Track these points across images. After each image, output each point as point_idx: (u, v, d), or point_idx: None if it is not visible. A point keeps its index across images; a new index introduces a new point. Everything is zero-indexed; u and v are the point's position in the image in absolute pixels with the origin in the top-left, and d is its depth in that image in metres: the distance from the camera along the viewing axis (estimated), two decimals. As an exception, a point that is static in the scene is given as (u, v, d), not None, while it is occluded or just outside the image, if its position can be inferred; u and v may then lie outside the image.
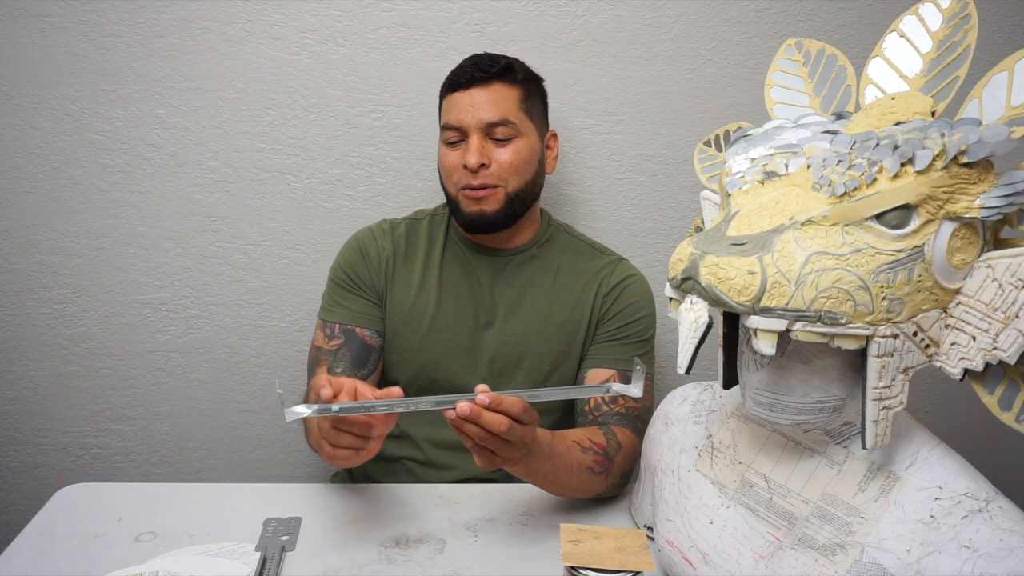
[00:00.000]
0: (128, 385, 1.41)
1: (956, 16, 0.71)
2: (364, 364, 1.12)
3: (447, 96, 1.11)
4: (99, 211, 1.33)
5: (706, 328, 0.64)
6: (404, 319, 1.14)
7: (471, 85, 1.08)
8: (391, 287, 1.15)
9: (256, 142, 1.32)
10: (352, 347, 1.12)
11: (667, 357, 1.44)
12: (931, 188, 0.61)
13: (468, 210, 1.09)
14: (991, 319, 0.62)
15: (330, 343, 1.12)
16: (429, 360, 1.14)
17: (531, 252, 1.17)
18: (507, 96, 1.09)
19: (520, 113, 1.10)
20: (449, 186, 1.11)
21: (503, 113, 1.08)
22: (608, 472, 0.99)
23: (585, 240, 1.22)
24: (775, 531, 0.72)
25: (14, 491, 1.45)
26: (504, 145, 1.08)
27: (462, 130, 1.08)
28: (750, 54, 1.33)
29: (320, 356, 1.12)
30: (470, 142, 1.07)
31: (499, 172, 1.08)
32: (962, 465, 0.68)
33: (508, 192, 1.09)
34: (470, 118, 1.07)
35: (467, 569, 0.89)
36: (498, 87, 1.08)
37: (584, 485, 0.97)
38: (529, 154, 1.10)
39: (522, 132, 1.09)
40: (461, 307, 1.15)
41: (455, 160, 1.09)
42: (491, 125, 1.07)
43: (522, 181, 1.10)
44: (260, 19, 1.27)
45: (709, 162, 0.88)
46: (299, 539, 0.93)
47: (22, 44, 1.25)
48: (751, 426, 0.79)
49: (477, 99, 1.07)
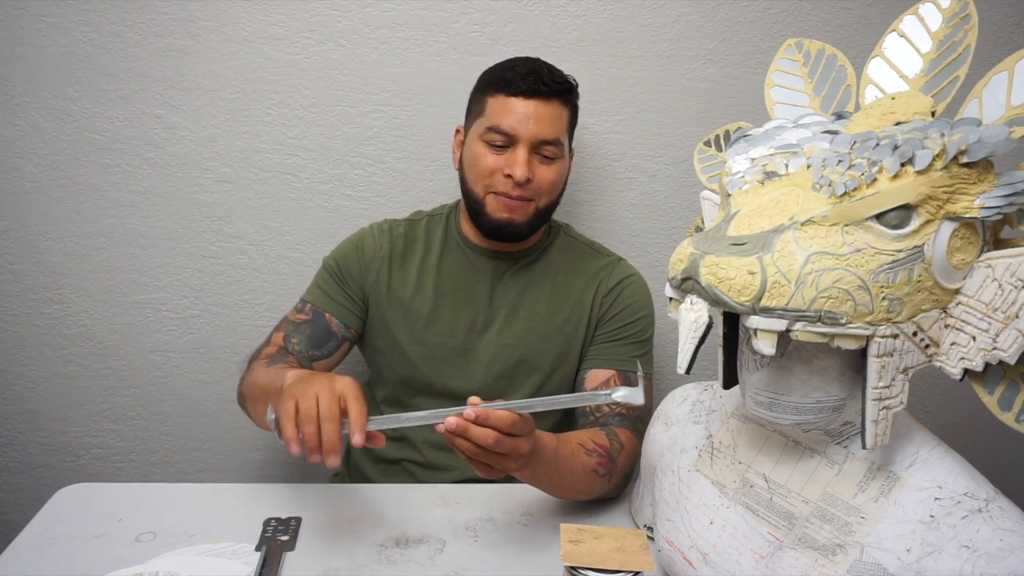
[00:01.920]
0: (128, 385, 1.41)
1: (956, 16, 0.71)
2: (321, 346, 1.12)
3: (501, 96, 1.07)
4: (99, 211, 1.33)
5: (706, 328, 0.64)
6: (398, 320, 1.14)
7: (533, 96, 1.05)
8: (386, 287, 1.15)
9: (256, 142, 1.32)
10: (315, 326, 1.12)
11: (667, 357, 1.44)
12: (931, 188, 0.61)
13: (497, 215, 1.08)
14: (991, 319, 0.62)
15: (297, 316, 1.14)
16: (423, 362, 1.14)
17: (532, 256, 1.17)
18: (561, 116, 1.08)
19: (566, 135, 1.10)
20: (479, 186, 1.09)
21: (556, 133, 1.07)
22: (611, 474, 0.99)
23: (584, 240, 1.22)
24: (775, 531, 0.72)
25: (14, 491, 1.45)
26: (548, 163, 1.08)
27: (512, 137, 1.05)
28: (750, 54, 1.33)
29: (282, 324, 1.14)
30: (517, 153, 1.05)
31: (538, 188, 1.08)
32: (962, 465, 0.68)
33: (539, 207, 1.09)
34: (525, 130, 1.05)
35: (467, 569, 0.89)
36: (556, 106, 1.07)
37: (588, 488, 0.98)
38: (565, 174, 1.12)
39: (563, 154, 1.10)
40: (458, 309, 1.14)
41: (495, 164, 1.06)
42: (543, 143, 1.06)
43: (552, 199, 1.11)
44: (260, 19, 1.27)
45: (709, 162, 0.88)
46: (299, 539, 0.93)
47: (22, 44, 1.25)
48: (751, 426, 0.79)
49: (535, 112, 1.05)
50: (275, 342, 1.11)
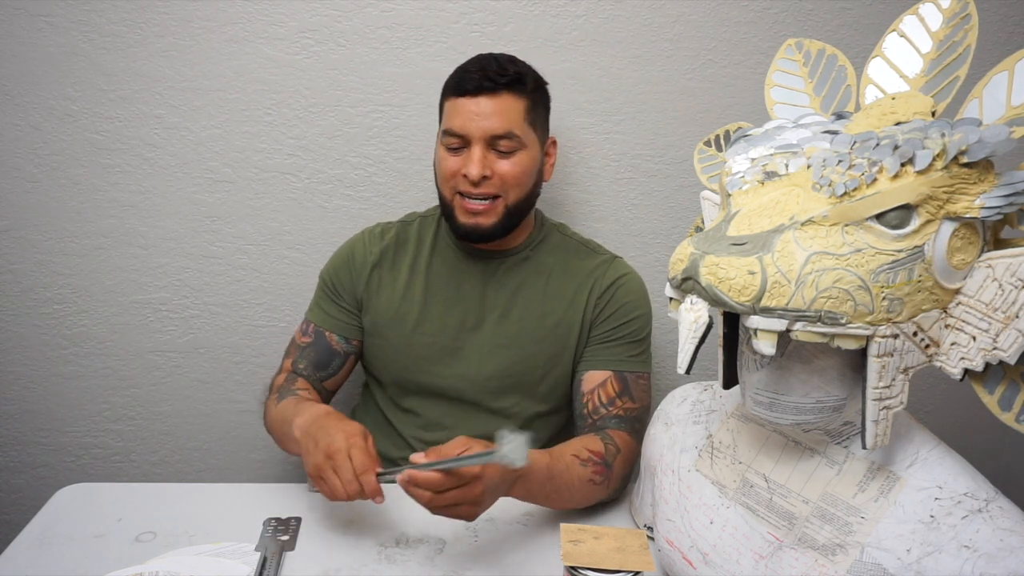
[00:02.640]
0: (128, 385, 1.41)
1: (956, 16, 0.71)
2: (326, 367, 1.17)
3: (451, 99, 1.07)
4: (99, 211, 1.33)
5: (706, 328, 0.64)
6: (389, 322, 1.14)
7: (478, 93, 1.04)
8: (377, 291, 1.16)
9: (256, 142, 1.32)
10: (318, 349, 1.17)
11: (667, 357, 1.44)
12: (931, 188, 0.61)
13: (464, 221, 1.08)
14: (991, 319, 0.62)
15: (302, 339, 1.18)
16: (413, 362, 1.14)
17: (524, 254, 1.16)
18: (514, 107, 1.06)
19: (525, 125, 1.07)
20: (445, 190, 1.10)
21: (508, 126, 1.05)
22: (608, 480, 0.99)
23: (579, 239, 1.20)
24: (775, 531, 0.72)
25: (14, 491, 1.45)
26: (506, 157, 1.06)
27: (465, 138, 1.05)
28: (750, 54, 1.33)
29: (291, 348, 1.19)
30: (472, 152, 1.05)
31: (500, 184, 1.06)
32: (962, 465, 0.68)
33: (508, 204, 1.08)
34: (474, 128, 1.04)
35: (467, 569, 0.89)
36: (506, 98, 1.05)
37: (586, 498, 0.98)
38: (530, 166, 1.09)
39: (525, 144, 1.07)
40: (448, 310, 1.14)
41: (454, 166, 1.07)
42: (495, 137, 1.05)
43: (521, 193, 1.09)
44: (260, 19, 1.27)
45: (709, 162, 0.88)
46: (299, 539, 0.93)
47: (22, 44, 1.25)
48: (751, 426, 0.79)
49: (483, 108, 1.04)
50: (285, 368, 1.18)
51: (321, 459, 0.88)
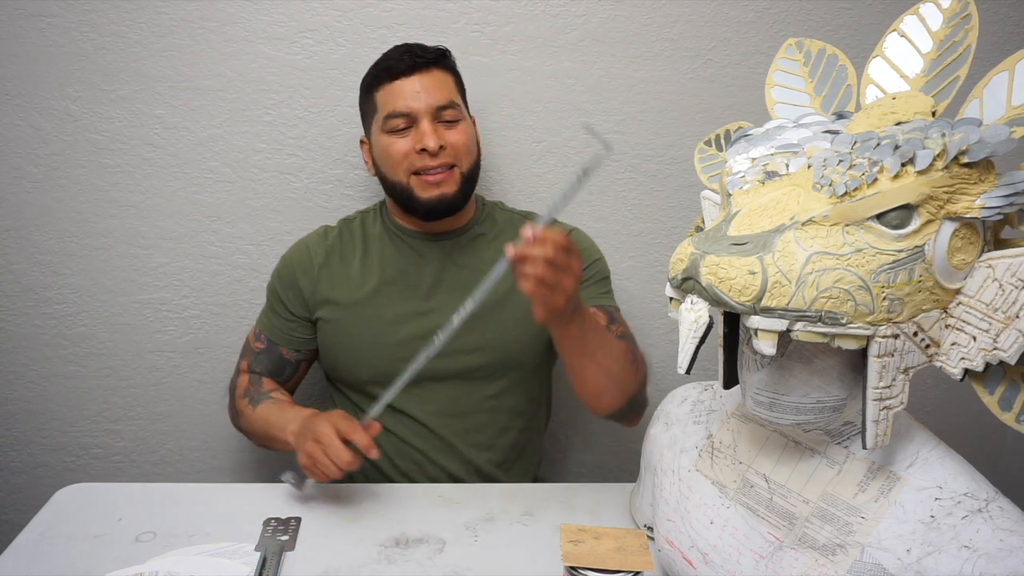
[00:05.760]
0: (128, 385, 1.41)
1: (957, 16, 0.71)
2: (280, 373, 1.21)
3: (386, 85, 1.10)
4: (99, 211, 1.33)
5: (706, 328, 0.64)
6: (348, 317, 1.14)
7: (412, 72, 1.09)
8: (331, 288, 1.16)
9: (256, 142, 1.32)
10: (270, 357, 1.20)
11: (667, 357, 1.44)
12: (932, 188, 0.61)
13: (426, 195, 1.10)
14: (991, 319, 0.62)
15: (256, 343, 1.22)
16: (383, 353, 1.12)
17: (475, 231, 1.18)
18: (446, 81, 1.12)
19: (458, 96, 1.13)
20: (399, 175, 1.10)
21: (449, 96, 1.10)
22: (637, 365, 1.02)
23: (520, 212, 1.24)
24: (775, 531, 0.72)
25: (14, 491, 1.45)
26: (453, 127, 1.10)
27: (411, 116, 1.08)
28: (750, 54, 1.33)
29: (247, 350, 1.22)
30: (421, 126, 1.08)
31: (454, 153, 1.10)
32: (962, 465, 0.68)
33: (463, 172, 1.11)
34: (419, 103, 1.08)
35: (467, 569, 0.89)
36: (437, 73, 1.11)
37: (622, 371, 1.00)
38: (473, 135, 1.15)
39: (464, 115, 1.13)
40: (406, 296, 1.14)
41: (406, 146, 1.09)
42: (440, 108, 1.09)
43: (472, 160, 1.13)
44: (260, 19, 1.27)
45: (709, 162, 0.88)
46: (299, 539, 0.93)
47: (22, 44, 1.25)
48: (751, 426, 0.79)
49: (424, 84, 1.08)
50: (243, 369, 1.22)
51: (311, 445, 0.95)
